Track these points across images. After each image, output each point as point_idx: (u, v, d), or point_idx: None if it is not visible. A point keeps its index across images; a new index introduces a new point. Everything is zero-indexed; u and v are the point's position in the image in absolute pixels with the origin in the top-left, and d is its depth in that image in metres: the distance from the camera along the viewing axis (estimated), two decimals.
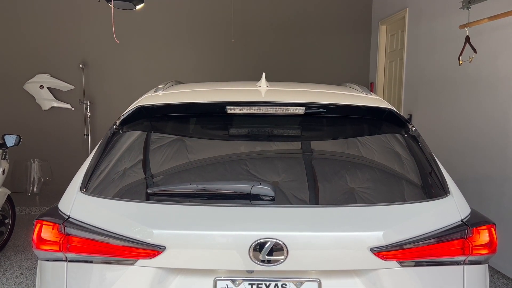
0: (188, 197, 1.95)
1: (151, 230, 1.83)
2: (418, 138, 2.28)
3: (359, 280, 1.87)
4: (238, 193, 1.91)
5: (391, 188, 2.13)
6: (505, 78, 4.20)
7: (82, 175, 2.09)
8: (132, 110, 2.28)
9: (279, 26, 7.45)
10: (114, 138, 2.22)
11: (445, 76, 5.24)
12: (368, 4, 7.56)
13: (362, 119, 2.40)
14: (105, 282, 1.88)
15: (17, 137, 4.57)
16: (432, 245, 1.88)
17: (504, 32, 4.20)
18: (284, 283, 1.86)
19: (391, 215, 1.94)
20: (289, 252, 1.80)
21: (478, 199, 4.48)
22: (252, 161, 2.20)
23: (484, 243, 1.96)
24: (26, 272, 4.37)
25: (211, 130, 2.37)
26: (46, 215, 1.99)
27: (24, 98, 7.09)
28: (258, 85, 2.63)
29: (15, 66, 7.06)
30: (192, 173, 2.20)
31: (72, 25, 7.08)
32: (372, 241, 1.83)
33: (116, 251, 1.85)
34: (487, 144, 4.45)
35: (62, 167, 6.84)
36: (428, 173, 2.17)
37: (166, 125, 2.37)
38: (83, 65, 7.12)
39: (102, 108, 7.28)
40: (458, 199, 2.07)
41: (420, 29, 5.87)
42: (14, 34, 7.03)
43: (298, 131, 2.38)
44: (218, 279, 1.86)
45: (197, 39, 7.35)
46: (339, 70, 7.54)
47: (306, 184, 2.12)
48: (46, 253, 1.93)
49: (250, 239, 1.80)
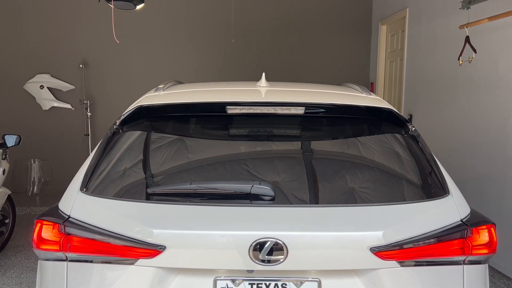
0: (188, 197, 1.95)
1: (151, 230, 1.83)
2: (418, 138, 2.29)
3: (359, 279, 1.87)
4: (238, 193, 1.91)
5: (391, 188, 2.13)
6: (505, 78, 4.20)
7: (82, 175, 2.09)
8: (132, 110, 2.29)
9: (279, 26, 7.45)
10: (114, 138, 2.22)
11: (445, 76, 5.24)
12: (368, 4, 7.56)
13: (362, 119, 2.40)
14: (105, 282, 1.88)
15: (17, 137, 4.57)
16: (432, 245, 1.88)
17: (504, 32, 4.20)
18: (284, 283, 1.86)
19: (391, 215, 1.94)
20: (289, 252, 1.80)
21: (478, 199, 4.47)
22: (252, 161, 2.20)
23: (484, 243, 1.96)
24: (26, 272, 4.37)
25: (211, 130, 2.37)
26: (46, 215, 1.99)
27: (24, 98, 7.09)
28: (258, 85, 2.63)
29: (16, 66, 7.06)
30: (192, 173, 2.20)
31: (73, 25, 7.09)
32: (372, 241, 1.83)
33: (116, 251, 1.85)
34: (488, 144, 4.45)
35: (62, 167, 6.84)
36: (428, 173, 2.17)
37: (166, 125, 2.37)
38: (83, 65, 7.12)
39: (102, 108, 7.29)
40: (458, 199, 2.07)
41: (420, 29, 5.87)
42: (15, 34, 7.04)
43: (298, 131, 2.38)
44: (218, 278, 1.86)
45: (197, 39, 7.35)
46: (339, 70, 7.54)
47: (306, 184, 2.12)
48: (46, 252, 1.93)
49: (250, 239, 1.80)
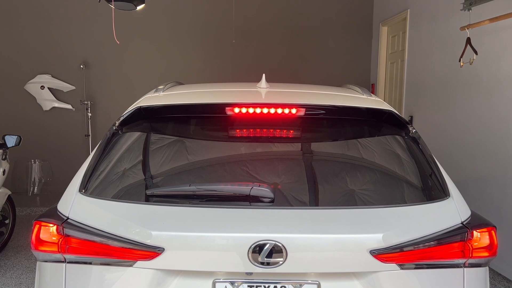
0: (187, 198, 1.95)
1: (150, 232, 1.82)
2: (418, 140, 2.28)
3: (358, 282, 1.86)
4: (237, 194, 1.91)
5: (391, 190, 2.12)
6: (506, 80, 4.19)
7: (81, 176, 2.08)
8: (131, 111, 2.28)
9: (280, 27, 7.44)
10: (114, 139, 2.22)
11: (446, 78, 5.23)
12: (369, 5, 7.56)
13: (362, 120, 2.39)
14: (104, 284, 1.87)
15: (17, 138, 4.57)
16: (432, 247, 1.87)
17: (505, 33, 4.19)
18: (283, 285, 1.85)
19: (391, 217, 1.93)
20: (288, 254, 1.79)
21: (479, 201, 4.46)
22: (252, 163, 2.19)
23: (485, 246, 1.95)
24: (26, 272, 4.36)
25: (211, 131, 2.36)
26: (45, 216, 1.98)
27: (25, 98, 7.09)
28: (258, 86, 2.63)
29: (16, 67, 7.07)
30: (191, 174, 2.19)
31: (73, 26, 7.09)
32: (372, 243, 1.82)
33: (115, 253, 1.84)
34: (489, 146, 4.44)
35: (63, 167, 6.85)
36: (428, 175, 2.16)
37: (166, 126, 2.36)
38: (84, 66, 7.13)
39: (102, 109, 7.29)
40: (458, 202, 2.06)
41: (421, 30, 5.86)
42: (15, 34, 7.04)
43: (298, 132, 2.37)
44: (217, 281, 1.85)
45: (198, 40, 7.35)
46: (340, 72, 7.53)
47: (306, 186, 2.11)
48: (44, 254, 1.92)
49: (249, 241, 1.79)
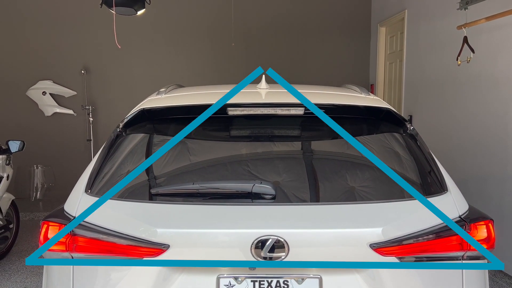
0: (191, 196, 1.98)
1: (155, 229, 1.87)
2: (416, 137, 2.32)
3: (359, 276, 1.90)
4: (240, 192, 1.94)
5: (390, 186, 2.15)
6: (504, 77, 4.23)
7: (87, 177, 2.13)
8: (135, 113, 2.33)
9: (279, 29, 7.49)
10: (118, 140, 2.26)
11: (444, 77, 5.27)
12: (367, 6, 7.61)
13: (361, 119, 2.43)
14: (111, 280, 1.91)
15: (21, 143, 4.60)
16: (430, 240, 1.91)
17: (501, 32, 4.23)
18: (286, 280, 1.89)
19: (390, 211, 1.97)
20: (290, 249, 1.83)
21: (479, 198, 4.50)
22: (253, 162, 2.23)
23: (482, 239, 1.99)
24: (30, 277, 4.39)
25: (213, 132, 2.40)
26: (52, 216, 2.02)
27: (27, 104, 7.13)
28: (258, 87, 2.67)
29: (18, 73, 7.12)
30: (194, 174, 2.24)
31: (74, 31, 7.14)
32: (372, 237, 1.86)
33: (121, 250, 1.88)
34: (488, 143, 4.47)
35: (65, 172, 6.88)
36: (426, 170, 2.20)
37: (169, 127, 2.40)
38: (85, 71, 7.17)
39: (104, 114, 7.33)
40: (456, 196, 2.10)
41: (418, 30, 5.91)
42: (17, 40, 7.09)
43: (298, 131, 2.41)
44: (221, 276, 1.89)
45: (198, 43, 7.40)
46: (339, 73, 7.57)
47: (307, 184, 2.15)
48: (52, 253, 1.96)
49: (251, 237, 1.83)
